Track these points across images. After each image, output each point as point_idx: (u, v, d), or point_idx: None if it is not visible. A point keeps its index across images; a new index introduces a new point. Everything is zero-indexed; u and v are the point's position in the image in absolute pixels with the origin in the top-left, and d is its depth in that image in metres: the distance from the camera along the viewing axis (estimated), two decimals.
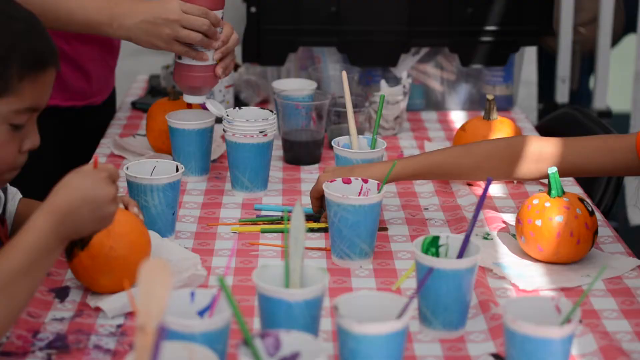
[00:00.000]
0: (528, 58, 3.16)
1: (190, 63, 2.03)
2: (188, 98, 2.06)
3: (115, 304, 1.51)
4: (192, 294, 1.34)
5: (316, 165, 2.18)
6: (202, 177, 2.08)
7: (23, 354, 1.40)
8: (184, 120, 2.05)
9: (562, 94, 3.33)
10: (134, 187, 1.77)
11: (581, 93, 3.52)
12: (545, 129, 2.46)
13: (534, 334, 1.28)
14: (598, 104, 3.29)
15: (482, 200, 1.48)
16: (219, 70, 2.04)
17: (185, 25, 1.97)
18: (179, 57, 2.04)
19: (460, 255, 1.49)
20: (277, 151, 2.20)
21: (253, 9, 2.47)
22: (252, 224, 1.86)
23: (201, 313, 1.33)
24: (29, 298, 1.35)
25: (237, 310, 1.23)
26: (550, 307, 1.34)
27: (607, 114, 3.30)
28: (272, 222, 1.87)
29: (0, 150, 1.50)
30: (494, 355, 1.42)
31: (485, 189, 1.49)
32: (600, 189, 2.26)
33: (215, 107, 2.06)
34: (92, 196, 1.39)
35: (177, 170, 1.79)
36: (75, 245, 1.53)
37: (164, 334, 1.08)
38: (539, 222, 1.70)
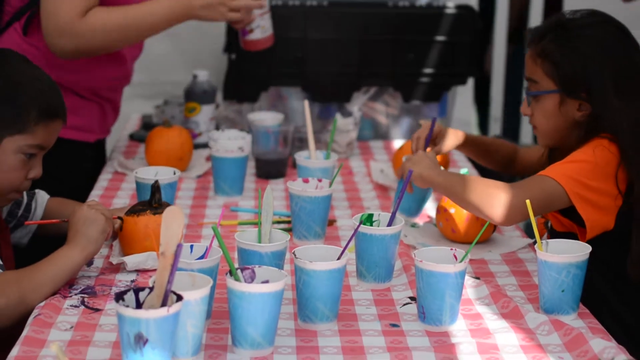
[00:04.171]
0: (465, 102, 3.69)
1: (252, 38, 2.76)
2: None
3: (135, 259, 2.02)
4: (191, 247, 1.84)
5: (282, 179, 2.70)
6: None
7: (63, 297, 1.90)
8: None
9: (495, 132, 3.84)
10: (141, 187, 2.28)
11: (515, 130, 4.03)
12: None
13: (435, 269, 1.79)
14: (524, 139, 3.81)
15: (406, 184, 2.02)
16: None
17: (230, 7, 2.65)
18: (244, 35, 2.75)
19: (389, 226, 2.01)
20: (252, 169, 2.72)
21: (233, 56, 3.00)
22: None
23: (198, 260, 1.83)
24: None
25: (225, 249, 1.73)
26: (450, 255, 1.85)
27: None
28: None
29: (12, 174, 2.04)
30: (410, 297, 1.94)
31: (407, 177, 2.04)
32: None
33: None
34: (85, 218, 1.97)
35: (174, 174, 2.30)
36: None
37: (180, 251, 1.55)
38: (452, 210, 2.22)
